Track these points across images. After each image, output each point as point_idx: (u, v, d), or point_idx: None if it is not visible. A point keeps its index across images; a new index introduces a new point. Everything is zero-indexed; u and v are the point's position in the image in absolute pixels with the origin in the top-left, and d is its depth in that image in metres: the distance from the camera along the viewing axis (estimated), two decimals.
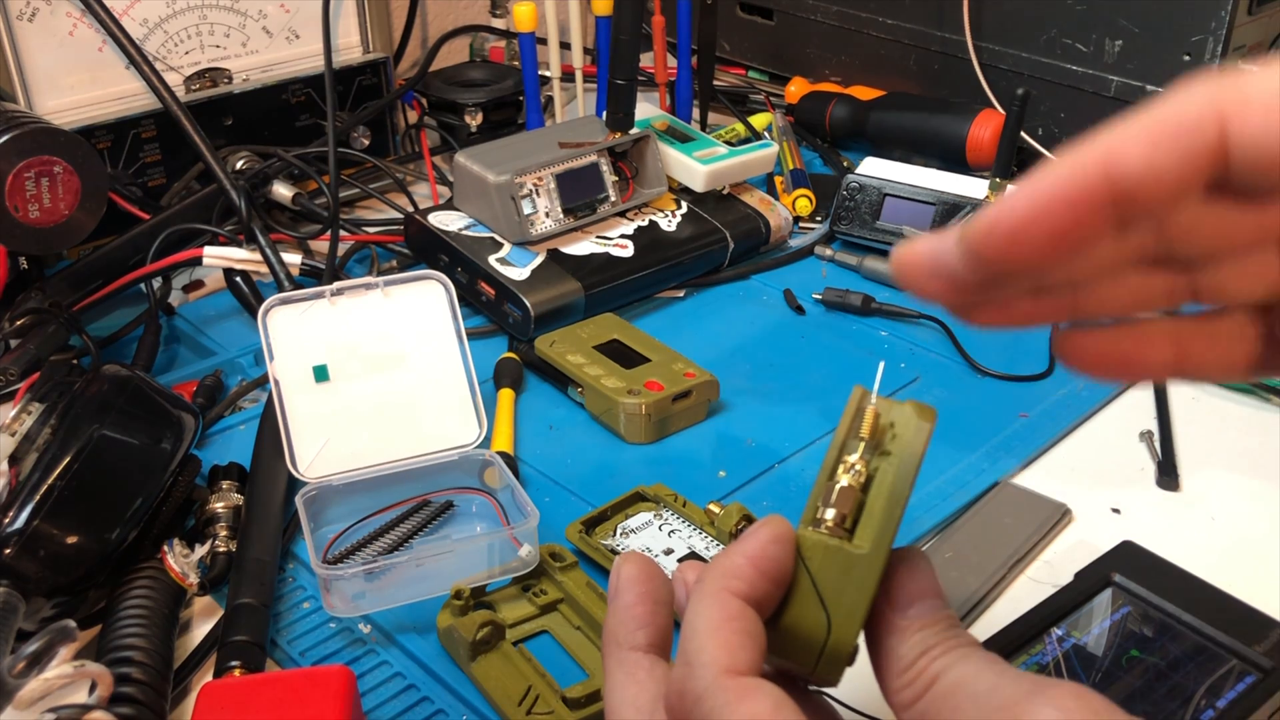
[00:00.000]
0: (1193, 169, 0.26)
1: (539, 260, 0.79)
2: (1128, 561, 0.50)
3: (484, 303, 0.78)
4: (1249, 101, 0.25)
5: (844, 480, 0.34)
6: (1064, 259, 0.27)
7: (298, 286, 0.75)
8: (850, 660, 0.35)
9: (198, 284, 0.86)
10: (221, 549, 0.56)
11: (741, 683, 0.31)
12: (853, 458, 0.34)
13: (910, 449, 0.34)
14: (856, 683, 0.36)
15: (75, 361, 0.70)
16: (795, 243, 0.91)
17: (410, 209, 0.87)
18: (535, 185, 0.80)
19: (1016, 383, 0.73)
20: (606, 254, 0.81)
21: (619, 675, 0.35)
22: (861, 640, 0.35)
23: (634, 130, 0.85)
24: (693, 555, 0.57)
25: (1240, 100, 0.25)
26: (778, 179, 0.96)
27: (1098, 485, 0.64)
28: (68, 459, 0.51)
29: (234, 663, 0.49)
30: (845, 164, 1.02)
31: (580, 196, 0.82)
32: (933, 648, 0.32)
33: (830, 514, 0.34)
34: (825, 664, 0.35)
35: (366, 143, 0.98)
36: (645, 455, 0.67)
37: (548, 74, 1.03)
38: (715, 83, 1.07)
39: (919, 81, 1.06)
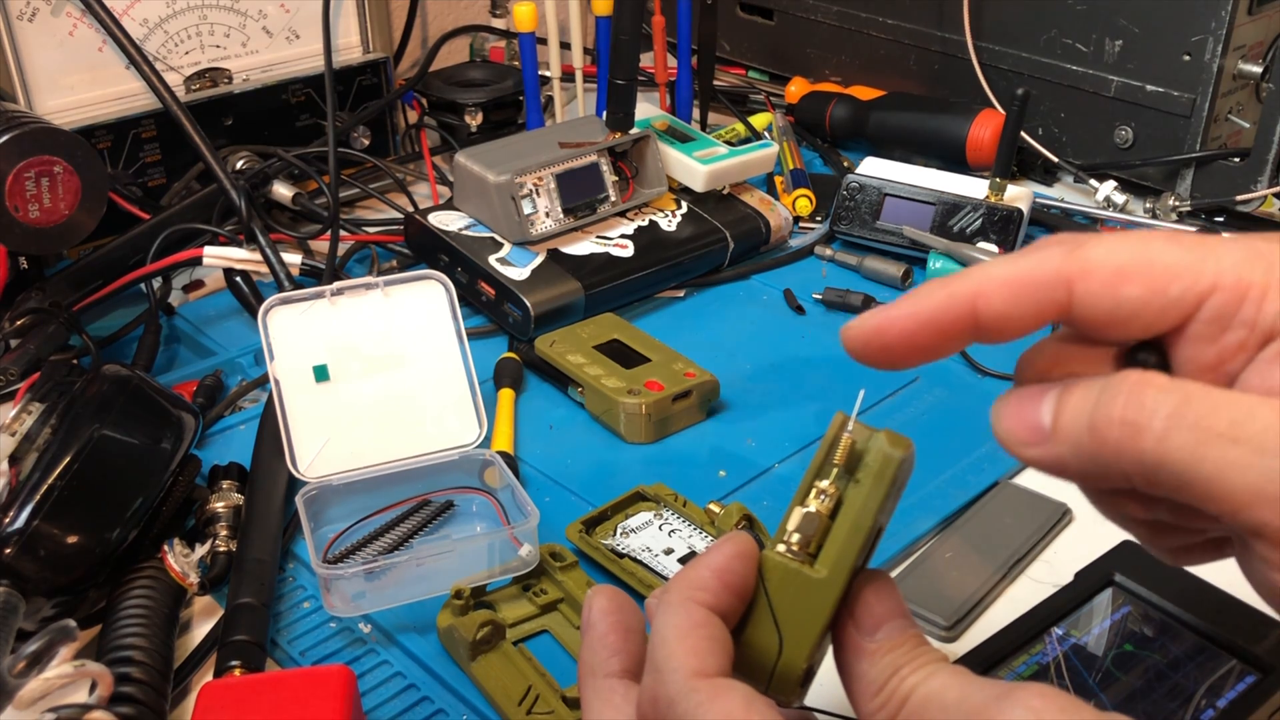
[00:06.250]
0: (1040, 318, 0.33)
1: (539, 260, 0.79)
2: (1128, 561, 0.50)
3: (484, 303, 0.78)
4: (1089, 273, 0.32)
5: (812, 505, 0.35)
6: (918, 363, 0.35)
7: (298, 286, 0.75)
8: (803, 683, 0.35)
9: (198, 284, 0.86)
10: (221, 549, 0.56)
11: (712, 683, 0.32)
12: (824, 483, 0.35)
13: (877, 479, 0.34)
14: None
15: (75, 361, 0.70)
16: (795, 243, 0.90)
17: (410, 209, 0.87)
18: (535, 185, 0.80)
19: None
20: (606, 254, 0.81)
21: (596, 703, 0.36)
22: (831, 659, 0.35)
23: (634, 130, 0.85)
24: (693, 555, 0.57)
25: (1083, 270, 0.32)
26: (778, 179, 0.96)
27: None
28: (68, 459, 0.51)
29: (234, 662, 0.49)
30: (845, 164, 1.02)
31: (580, 196, 0.82)
32: (901, 668, 0.33)
33: (795, 537, 0.35)
34: (776, 684, 0.35)
35: (366, 143, 0.98)
36: (645, 455, 0.67)
37: (548, 74, 1.03)
38: (715, 83, 1.07)
39: (919, 81, 1.07)
